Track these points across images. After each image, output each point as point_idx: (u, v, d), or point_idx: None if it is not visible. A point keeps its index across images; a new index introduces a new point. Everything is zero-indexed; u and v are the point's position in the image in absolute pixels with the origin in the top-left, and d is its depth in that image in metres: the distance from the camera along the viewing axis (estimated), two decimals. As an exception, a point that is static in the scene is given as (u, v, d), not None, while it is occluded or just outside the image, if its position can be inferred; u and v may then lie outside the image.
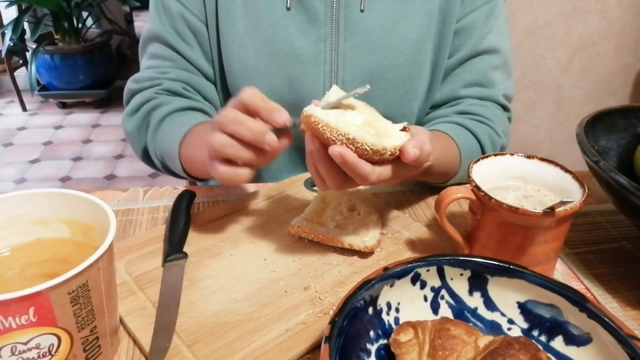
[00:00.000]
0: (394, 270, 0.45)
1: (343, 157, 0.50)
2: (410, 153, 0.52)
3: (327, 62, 0.77)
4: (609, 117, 0.67)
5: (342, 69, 0.77)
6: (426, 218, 0.70)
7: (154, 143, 0.75)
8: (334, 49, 0.77)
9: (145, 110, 0.76)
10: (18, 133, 2.95)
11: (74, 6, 2.96)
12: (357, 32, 0.76)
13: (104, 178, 2.54)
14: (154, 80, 0.78)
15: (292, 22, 0.75)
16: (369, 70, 0.77)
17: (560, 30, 1.84)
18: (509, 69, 0.84)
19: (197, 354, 0.47)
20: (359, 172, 0.51)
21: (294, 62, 0.76)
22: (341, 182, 0.54)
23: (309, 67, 0.77)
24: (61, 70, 3.06)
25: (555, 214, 0.50)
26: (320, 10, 0.75)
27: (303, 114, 0.50)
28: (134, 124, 0.77)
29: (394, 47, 0.77)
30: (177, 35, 0.79)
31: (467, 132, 0.75)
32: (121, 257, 0.58)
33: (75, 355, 0.41)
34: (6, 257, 0.47)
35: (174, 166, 0.71)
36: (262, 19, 0.75)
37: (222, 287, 0.55)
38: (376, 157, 0.51)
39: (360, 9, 0.75)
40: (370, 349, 0.44)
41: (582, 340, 0.43)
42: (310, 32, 0.76)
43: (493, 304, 0.47)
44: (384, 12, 0.76)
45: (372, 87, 0.76)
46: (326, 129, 0.49)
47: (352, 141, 0.50)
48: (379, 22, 0.76)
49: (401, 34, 0.76)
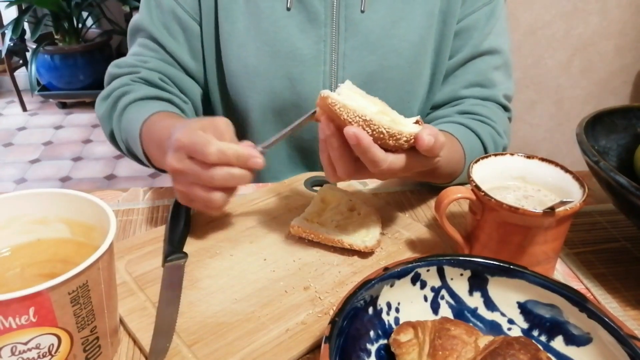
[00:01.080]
0: (394, 270, 0.45)
1: (358, 137, 0.49)
2: (425, 140, 0.51)
3: (327, 63, 0.77)
4: (609, 117, 0.67)
5: (342, 69, 0.77)
6: (426, 218, 0.70)
7: (119, 128, 0.75)
8: (334, 49, 0.77)
9: (116, 95, 0.76)
10: (18, 133, 2.95)
11: (74, 6, 2.96)
12: (357, 32, 0.76)
13: (104, 178, 2.54)
14: (134, 68, 0.78)
15: (292, 22, 0.75)
16: (369, 70, 0.77)
17: (560, 30, 1.84)
18: (509, 69, 0.84)
19: (197, 354, 0.47)
20: (371, 157, 0.51)
21: (294, 62, 0.76)
22: (352, 170, 0.54)
23: (309, 67, 0.77)
24: (61, 70, 3.06)
25: (555, 214, 0.50)
26: (321, 11, 0.75)
27: (320, 95, 0.51)
28: (104, 108, 0.77)
29: (394, 47, 0.77)
30: (164, 30, 0.78)
31: (470, 132, 0.75)
32: (121, 257, 0.58)
33: (75, 356, 0.41)
34: (6, 257, 0.47)
35: (138, 152, 0.71)
36: (263, 19, 0.75)
37: (222, 287, 0.55)
38: (391, 142, 0.51)
39: (360, 9, 0.75)
40: (370, 349, 0.44)
41: (582, 340, 0.43)
42: (311, 32, 0.76)
43: (493, 304, 0.47)
44: (385, 12, 0.76)
45: (372, 87, 0.77)
46: (343, 110, 0.49)
47: (368, 123, 0.49)
48: (380, 23, 0.76)
49: (401, 35, 0.76)
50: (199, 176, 0.54)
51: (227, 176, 0.54)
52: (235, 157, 0.54)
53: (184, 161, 0.54)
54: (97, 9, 3.13)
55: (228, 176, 0.54)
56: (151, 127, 0.68)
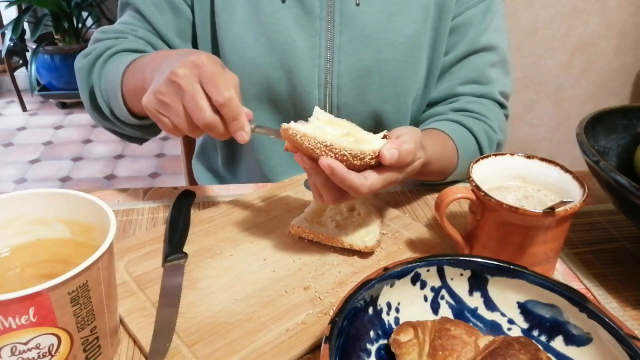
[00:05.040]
0: (394, 270, 0.45)
1: (332, 168, 0.50)
2: (386, 155, 0.52)
3: (323, 56, 0.77)
4: (609, 117, 0.67)
5: (337, 62, 0.77)
6: (426, 218, 0.70)
7: (99, 77, 0.72)
8: (329, 43, 0.77)
9: (100, 49, 0.74)
10: (18, 133, 2.95)
11: (74, 6, 2.96)
12: (352, 25, 0.76)
13: (104, 178, 2.54)
14: (121, 34, 0.77)
15: (288, 14, 0.75)
16: (364, 64, 0.77)
17: (560, 30, 1.84)
18: (507, 66, 0.84)
19: (197, 354, 0.47)
20: (349, 184, 0.51)
21: (290, 54, 0.76)
22: (337, 196, 0.54)
23: (305, 60, 0.77)
24: (61, 70, 3.06)
25: (555, 214, 0.50)
26: (316, 4, 0.75)
27: (282, 128, 0.52)
28: (85, 62, 0.74)
29: (390, 41, 0.77)
30: (152, 6, 0.77)
31: (463, 129, 0.76)
32: (121, 257, 0.58)
33: (75, 356, 0.41)
34: (6, 257, 0.47)
35: (116, 102, 0.68)
36: (261, 10, 0.76)
37: (222, 287, 0.55)
38: (357, 162, 0.52)
39: (355, 2, 0.75)
40: (370, 349, 0.44)
41: (582, 340, 0.43)
42: (306, 25, 0.76)
43: (493, 304, 0.47)
44: (380, 6, 0.76)
45: (367, 81, 0.78)
46: (304, 138, 0.51)
47: (330, 147, 0.50)
48: (375, 16, 0.76)
49: (397, 28, 0.76)
50: (192, 101, 0.52)
51: (212, 125, 0.53)
52: (233, 116, 0.53)
53: (190, 79, 0.52)
54: (97, 9, 3.13)
55: (213, 125, 0.53)
56: (139, 61, 0.65)
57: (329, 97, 0.80)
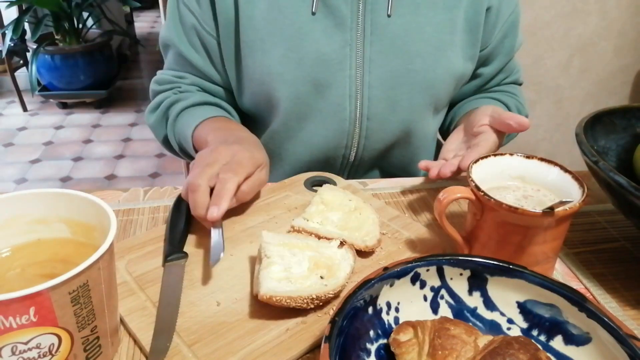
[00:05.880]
0: (394, 270, 0.45)
1: None
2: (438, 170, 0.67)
3: (353, 67, 0.78)
4: (608, 117, 0.68)
5: (367, 73, 0.78)
6: (426, 218, 0.70)
7: (173, 133, 0.83)
8: (359, 54, 0.77)
9: (166, 105, 0.83)
10: (18, 133, 2.96)
11: (74, 6, 2.96)
12: (383, 36, 0.77)
13: (105, 178, 2.55)
14: (173, 84, 0.85)
15: (318, 26, 0.76)
16: (394, 74, 0.78)
17: (559, 31, 1.84)
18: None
19: (197, 353, 0.47)
20: None
21: (320, 67, 0.77)
22: None
23: (335, 72, 0.77)
24: (62, 70, 3.06)
25: (554, 214, 0.50)
26: (347, 15, 0.75)
27: (260, 294, 0.49)
28: (155, 118, 0.86)
29: (419, 51, 0.78)
30: (189, 46, 0.83)
31: (499, 103, 0.86)
32: (121, 257, 0.58)
33: (75, 355, 0.42)
34: (7, 257, 0.47)
35: (191, 152, 0.80)
36: (287, 25, 0.76)
37: (222, 287, 0.55)
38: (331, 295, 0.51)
39: (387, 13, 0.76)
40: (370, 349, 0.44)
41: (582, 340, 0.43)
42: (336, 37, 0.76)
43: (492, 304, 0.47)
44: (410, 17, 0.77)
45: (397, 91, 0.80)
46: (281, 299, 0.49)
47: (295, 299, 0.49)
48: (405, 27, 0.77)
49: (426, 40, 0.78)
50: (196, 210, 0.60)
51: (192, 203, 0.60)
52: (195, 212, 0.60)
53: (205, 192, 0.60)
54: (97, 9, 3.13)
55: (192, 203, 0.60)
56: (201, 132, 0.76)
57: (359, 109, 0.80)
